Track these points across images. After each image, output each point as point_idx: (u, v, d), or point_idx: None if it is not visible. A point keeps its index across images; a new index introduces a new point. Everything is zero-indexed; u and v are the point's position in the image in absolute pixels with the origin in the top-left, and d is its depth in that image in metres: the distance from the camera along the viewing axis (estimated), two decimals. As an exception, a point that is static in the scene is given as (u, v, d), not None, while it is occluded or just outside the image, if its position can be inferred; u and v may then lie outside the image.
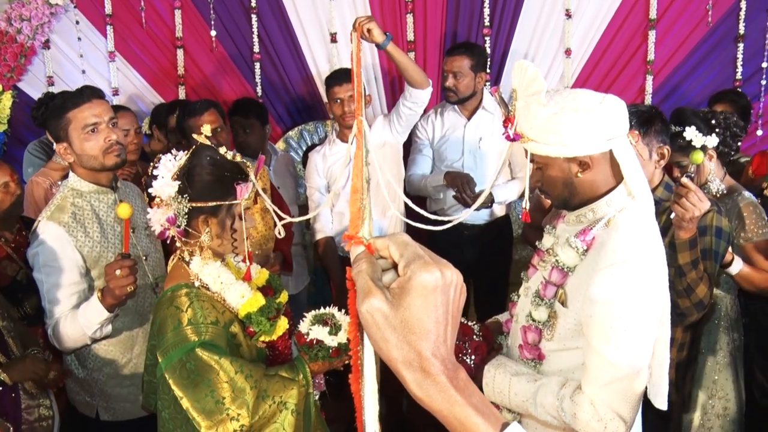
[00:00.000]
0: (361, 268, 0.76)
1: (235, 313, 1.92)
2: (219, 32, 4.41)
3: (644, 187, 1.69)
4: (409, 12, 4.32)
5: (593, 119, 1.60)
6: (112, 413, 2.56)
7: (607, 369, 1.60)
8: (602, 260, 1.62)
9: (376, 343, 0.74)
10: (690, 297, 2.27)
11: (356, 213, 1.14)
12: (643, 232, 1.65)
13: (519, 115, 1.67)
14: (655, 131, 2.36)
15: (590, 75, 4.33)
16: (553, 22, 4.27)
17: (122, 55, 4.47)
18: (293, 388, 1.84)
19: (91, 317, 2.21)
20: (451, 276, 0.74)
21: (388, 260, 0.78)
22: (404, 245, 0.76)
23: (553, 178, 1.73)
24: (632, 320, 1.58)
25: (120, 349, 2.51)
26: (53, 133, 2.40)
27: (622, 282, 1.58)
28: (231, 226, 1.93)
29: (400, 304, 0.72)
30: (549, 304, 1.76)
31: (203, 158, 1.88)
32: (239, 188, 1.88)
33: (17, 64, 4.26)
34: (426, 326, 0.72)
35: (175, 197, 1.87)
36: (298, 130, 4.52)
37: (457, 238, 3.63)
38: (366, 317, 0.73)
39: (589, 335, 1.63)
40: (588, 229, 1.72)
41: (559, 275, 1.74)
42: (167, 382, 1.78)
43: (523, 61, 1.63)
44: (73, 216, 2.38)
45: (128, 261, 2.13)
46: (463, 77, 3.60)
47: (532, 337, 1.80)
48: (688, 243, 2.21)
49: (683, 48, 4.23)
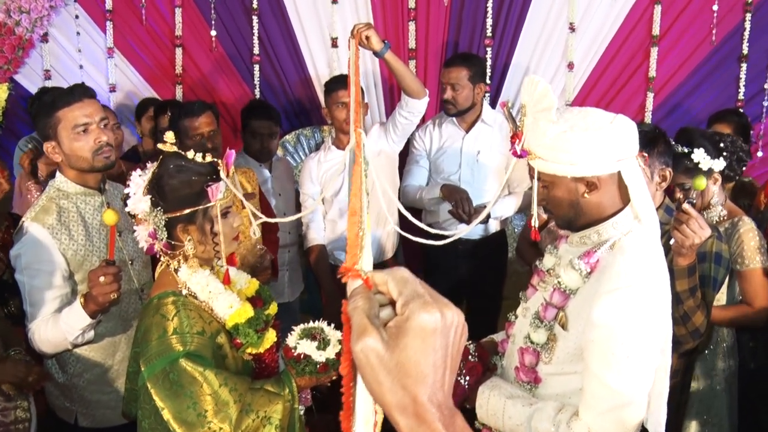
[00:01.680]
0: (358, 304, 0.72)
1: (222, 323, 1.87)
2: (219, 32, 4.36)
3: (651, 211, 1.66)
4: (412, 19, 4.29)
5: (603, 139, 1.57)
6: (91, 420, 2.49)
7: (607, 396, 1.56)
8: (606, 284, 1.58)
9: (369, 385, 0.69)
10: (686, 325, 2.23)
11: (354, 240, 1.09)
12: (649, 257, 1.61)
13: (527, 131, 1.63)
14: (658, 152, 2.32)
15: (592, 90, 4.30)
16: (556, 34, 4.24)
17: (121, 52, 4.41)
18: (278, 403, 1.80)
19: (72, 322, 2.15)
20: (452, 317, 0.69)
21: (386, 296, 0.73)
22: (404, 282, 0.72)
23: (559, 197, 1.69)
24: (635, 347, 1.54)
25: (102, 355, 2.44)
26: (41, 131, 2.33)
27: (625, 307, 1.54)
28: (211, 230, 1.88)
29: (396, 346, 0.68)
30: (549, 327, 1.72)
31: (169, 167, 1.82)
32: (210, 190, 1.82)
33: (14, 56, 4.20)
34: (423, 370, 0.67)
35: (150, 212, 1.82)
36: (295, 134, 4.47)
37: (451, 253, 3.58)
38: (360, 357, 0.68)
39: (590, 360, 1.59)
40: (592, 251, 1.67)
41: (561, 297, 1.69)
42: (149, 391, 1.74)
43: (533, 77, 1.59)
44: (58, 218, 2.31)
45: (112, 268, 2.07)
46: (462, 89, 3.56)
47: (530, 359, 1.75)
48: (687, 270, 2.17)
49: (686, 66, 4.21)
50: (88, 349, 2.41)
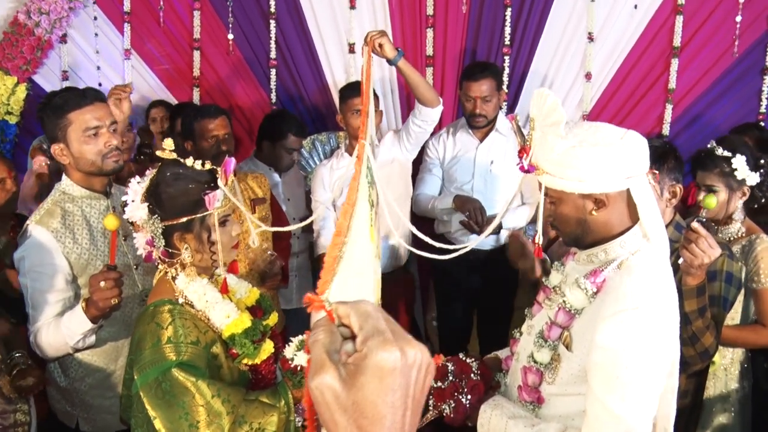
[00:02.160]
0: (318, 338, 0.69)
1: (218, 333, 1.85)
2: (236, 36, 4.36)
3: (661, 230, 1.61)
4: (430, 26, 4.26)
5: (612, 156, 1.53)
6: (92, 424, 2.48)
7: (610, 420, 1.51)
8: (612, 305, 1.53)
9: (325, 424, 0.66)
10: (695, 346, 2.17)
11: (330, 264, 1.06)
12: (657, 278, 1.57)
13: (535, 145, 1.60)
14: (668, 168, 2.28)
15: (610, 100, 4.24)
16: (574, 44, 4.19)
17: (138, 54, 4.44)
18: (273, 415, 1.76)
19: (74, 327, 2.14)
20: (413, 356, 0.66)
21: (349, 329, 0.70)
22: (365, 316, 0.69)
23: (566, 214, 1.65)
24: (640, 371, 1.49)
25: (104, 360, 2.42)
26: (50, 132, 2.32)
27: (631, 330, 1.49)
28: (208, 239, 1.85)
29: (353, 384, 0.65)
30: (553, 347, 1.67)
31: (166, 174, 1.80)
32: (208, 198, 1.79)
33: (33, 56, 4.24)
34: (380, 411, 0.64)
35: (147, 219, 1.81)
36: (311, 139, 4.45)
37: (462, 263, 3.52)
38: (315, 394, 0.66)
39: (593, 383, 1.54)
40: (599, 270, 1.63)
41: (566, 317, 1.65)
42: (142, 400, 1.72)
43: (542, 90, 1.56)
44: (62, 221, 2.31)
45: (113, 273, 2.06)
46: (491, 100, 3.53)
47: (533, 379, 1.71)
48: (696, 290, 2.12)
49: (706, 78, 4.14)
50: (90, 354, 2.40)
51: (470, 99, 3.53)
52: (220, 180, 1.82)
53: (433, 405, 1.87)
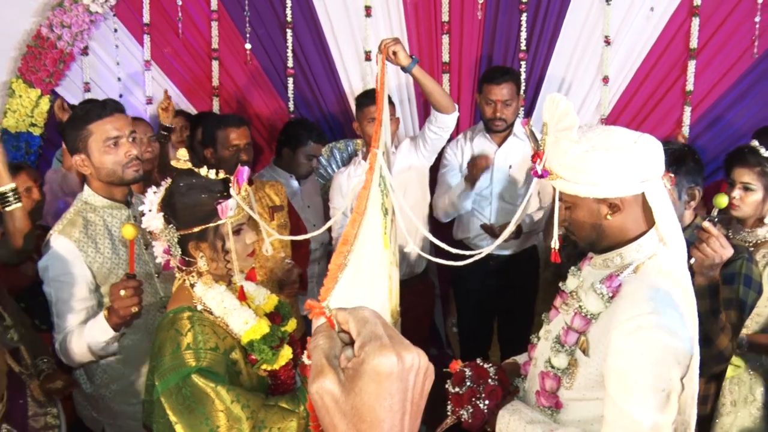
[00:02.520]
0: (318, 343, 0.71)
1: (237, 339, 1.87)
2: (254, 45, 4.41)
3: (677, 234, 1.61)
4: (445, 33, 4.27)
5: (626, 160, 1.52)
6: (117, 430, 2.52)
7: (628, 426, 1.50)
8: (628, 310, 1.53)
9: (326, 428, 0.67)
10: (709, 348, 2.15)
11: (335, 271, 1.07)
12: (674, 282, 1.56)
13: (548, 150, 1.60)
14: (686, 171, 2.26)
15: (627, 104, 4.22)
16: (591, 48, 4.17)
17: (157, 65, 4.50)
18: (292, 420, 1.78)
19: (96, 335, 2.19)
20: (411, 360, 0.67)
21: (348, 335, 0.72)
22: (363, 322, 0.70)
23: (581, 218, 1.64)
24: (658, 376, 1.49)
25: (128, 367, 2.47)
26: (71, 144, 2.37)
27: (648, 334, 1.49)
28: (222, 248, 1.87)
29: (352, 389, 0.66)
30: (570, 352, 1.67)
31: (179, 185, 1.83)
32: (221, 207, 1.81)
33: (56, 69, 4.32)
34: (378, 415, 0.65)
35: (163, 228, 1.84)
36: (329, 147, 4.47)
37: (482, 269, 3.53)
38: (315, 398, 0.67)
39: (611, 388, 1.54)
40: (615, 275, 1.62)
41: (582, 322, 1.64)
42: (163, 406, 1.74)
43: (555, 95, 1.56)
44: (84, 231, 2.35)
45: (133, 282, 2.10)
46: (511, 104, 3.54)
47: (550, 384, 1.70)
48: (708, 290, 2.09)
49: (725, 80, 4.10)
50: (114, 361, 2.44)
51: (491, 103, 3.54)
52: (233, 189, 1.84)
53: (452, 410, 1.87)
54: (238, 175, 1.85)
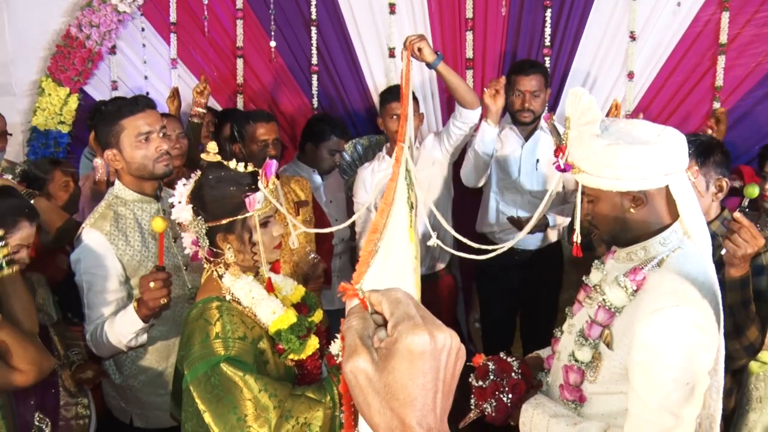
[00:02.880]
0: (352, 324, 0.72)
1: (265, 329, 1.90)
2: (278, 43, 4.43)
3: (702, 227, 1.60)
4: (469, 29, 4.26)
5: (650, 153, 1.52)
6: (145, 420, 2.57)
7: (652, 419, 1.50)
8: (653, 303, 1.52)
9: (359, 406, 0.69)
10: (740, 339, 2.14)
11: (366, 257, 1.09)
12: (698, 276, 1.55)
13: (571, 144, 1.60)
14: (714, 162, 2.25)
15: (653, 100, 4.18)
16: (616, 44, 4.14)
17: (184, 63, 4.55)
18: (319, 410, 1.80)
19: (126, 326, 2.23)
20: (443, 340, 0.69)
21: (381, 316, 0.73)
22: (396, 303, 0.72)
23: (604, 212, 1.64)
24: (682, 369, 1.48)
25: (156, 358, 2.51)
26: (102, 139, 2.42)
27: (673, 328, 1.48)
28: (249, 240, 1.90)
29: (384, 368, 0.67)
30: (594, 345, 1.67)
31: (208, 177, 1.86)
32: (249, 200, 1.84)
33: (84, 68, 4.38)
34: (411, 393, 0.66)
35: (192, 220, 1.87)
36: (352, 143, 4.49)
37: (506, 263, 3.53)
38: (349, 377, 0.69)
39: (635, 382, 1.54)
40: (639, 268, 1.62)
41: (606, 315, 1.64)
42: (191, 394, 1.77)
43: (577, 89, 1.56)
44: (115, 224, 2.40)
45: (162, 274, 2.15)
46: (539, 95, 3.54)
47: (574, 378, 1.70)
48: (740, 282, 2.08)
49: (754, 74, 4.04)
50: (143, 352, 2.49)
51: (520, 93, 3.54)
52: (261, 182, 1.86)
53: (475, 404, 1.88)
54: (267, 169, 1.87)
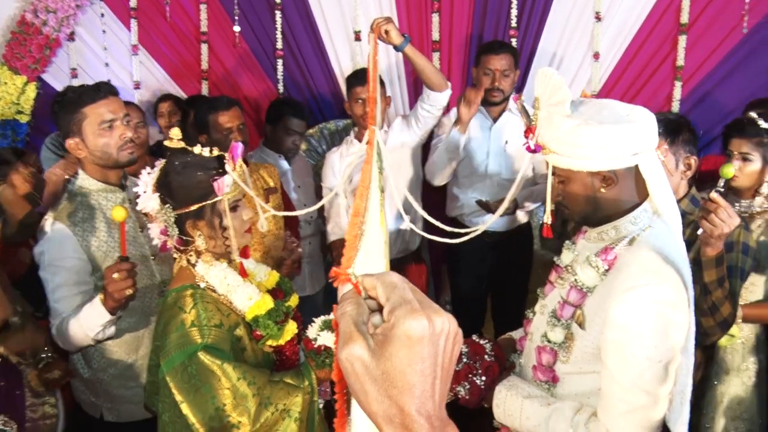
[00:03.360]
0: (346, 310, 0.70)
1: (241, 315, 1.87)
2: (243, 28, 4.37)
3: (672, 205, 1.61)
4: (435, 11, 4.24)
5: (619, 132, 1.52)
6: (116, 414, 2.53)
7: (626, 397, 1.52)
8: (624, 282, 1.53)
9: (356, 394, 0.67)
10: (714, 316, 2.18)
11: (352, 241, 1.08)
12: (669, 254, 1.57)
13: (541, 125, 1.60)
14: (683, 141, 2.28)
15: (618, 80, 4.21)
16: (582, 24, 4.15)
17: (145, 49, 4.45)
18: (297, 396, 1.79)
19: (93, 319, 2.18)
20: (441, 324, 0.67)
21: (376, 301, 0.71)
22: (392, 287, 0.70)
23: (575, 192, 1.64)
24: (655, 347, 1.50)
25: (125, 350, 2.47)
26: (64, 127, 2.35)
27: (644, 306, 1.50)
28: (220, 225, 1.87)
29: (382, 354, 0.66)
30: (566, 325, 1.67)
31: (174, 164, 1.82)
32: (216, 184, 1.81)
33: (42, 55, 4.27)
34: (409, 380, 0.65)
35: (160, 209, 1.84)
36: (319, 128, 4.46)
37: (476, 245, 3.53)
38: (345, 365, 0.67)
39: (608, 361, 1.55)
40: (610, 247, 1.63)
41: (578, 295, 1.65)
42: (168, 385, 1.75)
43: (547, 69, 1.55)
44: (79, 215, 2.35)
45: (126, 264, 2.09)
46: (509, 75, 3.54)
47: (547, 358, 1.71)
48: (715, 260, 2.12)
49: (715, 55, 4.09)
50: (112, 344, 2.44)
51: (489, 72, 3.53)
52: (228, 165, 1.83)
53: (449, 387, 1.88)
54: (233, 151, 1.84)
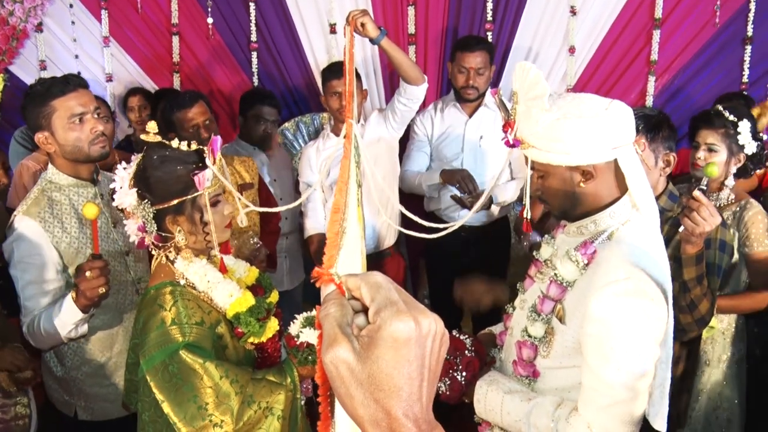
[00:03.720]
0: (329, 311, 0.68)
1: (222, 313, 1.84)
2: (216, 20, 4.30)
3: (650, 200, 1.61)
4: (411, 4, 4.22)
5: (598, 126, 1.52)
6: (90, 413, 2.48)
7: (606, 391, 1.52)
8: (603, 276, 1.53)
9: (341, 398, 0.65)
10: (692, 313, 2.19)
11: (333, 239, 1.06)
12: (648, 248, 1.57)
13: (519, 119, 1.58)
14: (663, 137, 2.28)
15: (593, 74, 4.24)
16: (557, 18, 4.17)
17: (117, 41, 4.37)
18: (280, 393, 1.77)
19: (65, 317, 2.12)
20: (428, 325, 0.65)
21: (360, 301, 0.69)
22: (376, 287, 0.68)
23: (554, 187, 1.64)
24: (633, 341, 1.50)
25: (99, 348, 2.42)
26: (32, 121, 2.28)
27: (623, 300, 1.50)
28: (201, 220, 1.83)
29: (368, 357, 0.64)
30: (546, 320, 1.67)
31: (153, 158, 1.77)
32: (197, 178, 1.76)
33: (9, 47, 4.16)
34: (396, 383, 0.63)
35: (137, 205, 1.79)
36: (294, 121, 4.43)
37: (453, 240, 3.52)
38: (330, 368, 0.65)
39: (588, 355, 1.55)
40: (589, 242, 1.63)
41: (558, 290, 1.64)
42: (148, 384, 1.71)
43: (524, 63, 1.54)
44: (50, 210, 2.28)
45: (98, 262, 2.03)
46: (484, 72, 3.52)
47: (527, 353, 1.71)
48: (695, 258, 2.13)
49: (689, 49, 4.14)
50: (85, 342, 2.39)
51: (463, 70, 3.52)
52: (208, 159, 1.80)
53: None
54: (213, 145, 1.81)
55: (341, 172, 1.29)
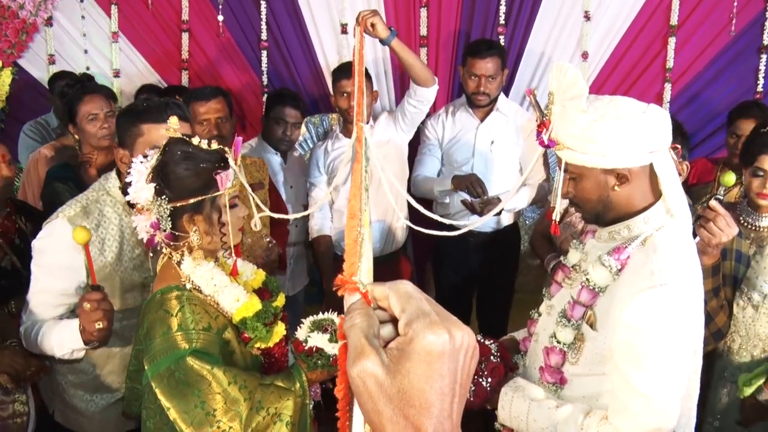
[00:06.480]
0: (355, 322, 0.64)
1: (229, 317, 1.79)
2: (226, 17, 4.26)
3: (684, 206, 1.58)
4: (424, 6, 4.18)
5: (636, 129, 1.49)
6: (65, 419, 2.38)
7: (638, 400, 1.48)
8: (638, 282, 1.50)
9: (367, 414, 0.61)
10: (709, 326, 2.14)
11: (352, 246, 1.01)
12: (682, 255, 1.54)
13: (555, 120, 1.55)
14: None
15: (607, 80, 4.20)
16: (570, 23, 4.13)
17: (126, 36, 4.32)
18: (289, 399, 1.72)
19: (65, 340, 2.02)
20: (461, 338, 0.62)
21: (386, 311, 0.65)
22: (407, 297, 0.64)
23: (588, 190, 1.60)
24: (668, 349, 1.47)
25: (92, 363, 2.29)
26: (121, 134, 2.19)
27: (659, 307, 1.46)
28: (219, 220, 1.77)
29: (398, 371, 0.60)
30: (576, 326, 1.63)
31: (175, 153, 1.71)
32: (219, 178, 1.71)
33: (18, 40, 4.13)
34: (428, 398, 0.59)
35: (153, 201, 1.71)
36: (304, 122, 4.38)
37: (463, 245, 3.50)
38: (357, 383, 0.61)
39: (620, 362, 1.51)
40: (622, 247, 1.59)
41: (589, 295, 1.61)
42: (153, 391, 1.66)
43: (562, 63, 1.52)
44: (95, 228, 2.15)
45: (96, 294, 1.91)
46: (496, 78, 3.47)
47: (556, 359, 1.67)
48: (711, 269, 2.09)
49: (704, 56, 4.11)
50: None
51: (474, 77, 3.46)
52: (230, 159, 1.75)
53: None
54: (236, 146, 1.75)
55: (354, 176, 1.25)
